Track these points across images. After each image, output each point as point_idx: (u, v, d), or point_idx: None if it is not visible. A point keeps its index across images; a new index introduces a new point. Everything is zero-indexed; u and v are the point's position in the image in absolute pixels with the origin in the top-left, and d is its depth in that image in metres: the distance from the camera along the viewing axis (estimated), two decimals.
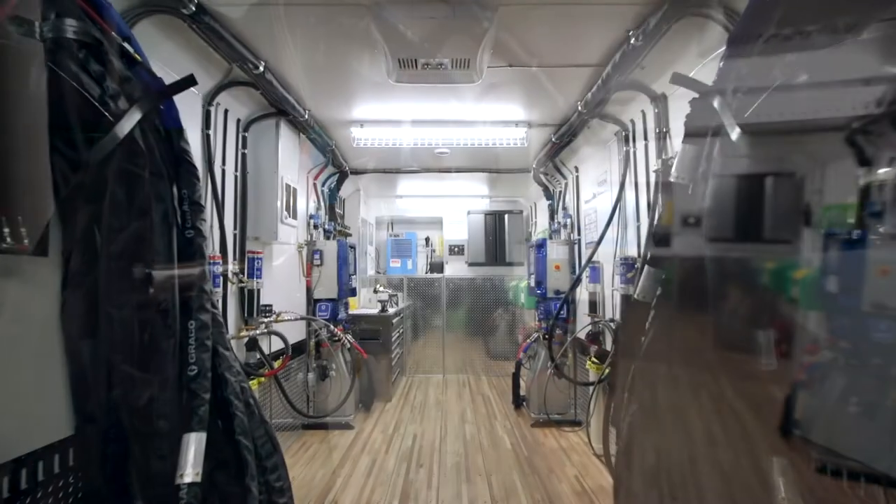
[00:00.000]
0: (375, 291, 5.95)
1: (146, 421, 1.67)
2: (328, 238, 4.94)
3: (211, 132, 2.76)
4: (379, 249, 7.87)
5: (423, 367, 6.89)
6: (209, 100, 2.72)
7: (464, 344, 6.94)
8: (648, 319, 1.77)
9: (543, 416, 4.28)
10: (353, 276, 5.24)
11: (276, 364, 3.35)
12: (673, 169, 1.74)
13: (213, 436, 1.82)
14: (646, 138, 2.95)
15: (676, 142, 2.58)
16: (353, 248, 5.18)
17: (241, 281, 3.07)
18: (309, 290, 4.56)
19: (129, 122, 1.55)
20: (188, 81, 1.68)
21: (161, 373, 1.66)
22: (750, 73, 1.41)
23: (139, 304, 1.67)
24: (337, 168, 4.86)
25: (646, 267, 1.76)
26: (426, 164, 5.10)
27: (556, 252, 4.58)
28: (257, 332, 3.09)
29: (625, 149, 3.24)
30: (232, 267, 2.97)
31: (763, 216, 1.54)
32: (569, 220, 4.73)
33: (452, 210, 7.43)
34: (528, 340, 4.86)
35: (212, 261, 2.65)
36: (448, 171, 5.29)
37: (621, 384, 1.82)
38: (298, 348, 4.30)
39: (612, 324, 3.32)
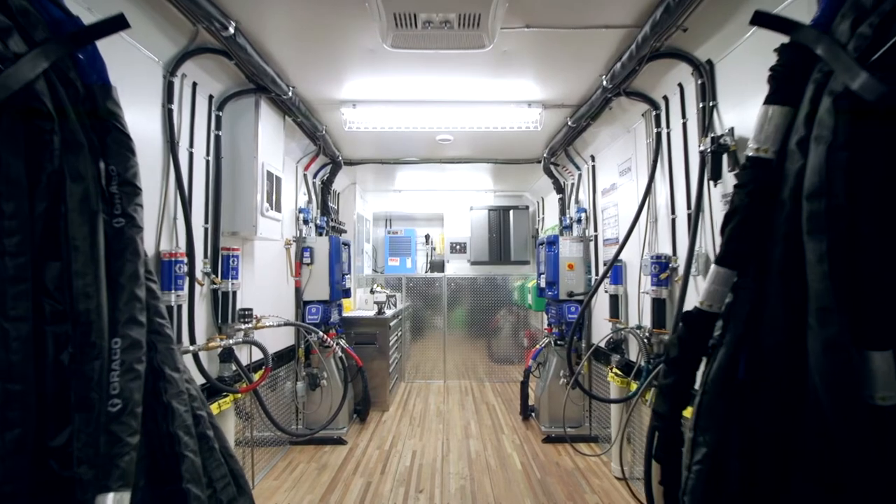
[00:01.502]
0: (372, 292, 5.54)
1: (64, 466, 1.28)
2: (320, 234, 4.54)
3: (174, 107, 2.35)
4: (376, 247, 7.48)
5: (423, 372, 6.49)
6: (171, 69, 2.31)
7: (465, 347, 6.54)
8: (715, 335, 1.36)
9: (557, 430, 3.88)
10: (347, 276, 4.85)
11: (257, 376, 2.95)
12: (751, 140, 1.34)
13: (161, 477, 1.43)
14: (684, 116, 2.53)
15: (726, 117, 2.17)
16: (347, 245, 4.78)
17: (213, 282, 2.66)
18: (298, 292, 4.16)
19: (28, 70, 1.12)
20: (116, 22, 1.26)
21: (83, 404, 1.26)
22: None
23: (52, 315, 1.27)
24: (329, 158, 4.45)
25: (713, 267, 1.36)
26: (427, 153, 4.70)
27: (570, 250, 4.18)
28: (231, 341, 2.68)
29: (655, 130, 2.83)
30: (201, 266, 2.57)
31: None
32: (583, 215, 4.32)
33: (454, 206, 7.03)
34: (538, 346, 4.47)
35: (174, 258, 2.24)
36: (451, 161, 4.89)
37: (677, 417, 1.42)
38: (287, 354, 3.90)
39: (639, 331, 2.91)
